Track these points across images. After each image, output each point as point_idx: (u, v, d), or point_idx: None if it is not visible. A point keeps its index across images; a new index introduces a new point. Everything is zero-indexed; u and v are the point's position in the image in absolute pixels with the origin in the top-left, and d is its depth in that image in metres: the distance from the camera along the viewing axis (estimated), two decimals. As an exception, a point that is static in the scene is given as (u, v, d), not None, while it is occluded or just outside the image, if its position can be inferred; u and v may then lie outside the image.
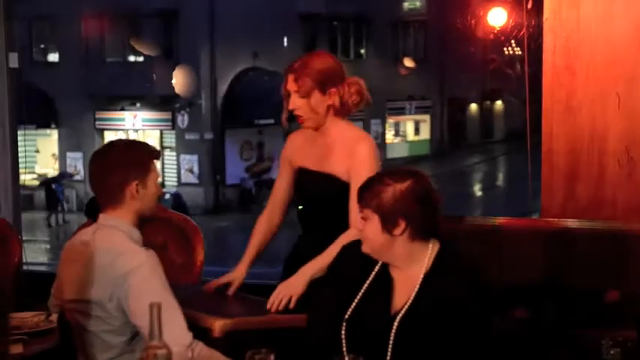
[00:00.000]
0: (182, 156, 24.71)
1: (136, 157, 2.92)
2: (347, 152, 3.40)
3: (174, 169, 24.86)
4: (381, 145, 29.98)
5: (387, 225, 2.64)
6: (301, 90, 3.40)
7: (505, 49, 22.11)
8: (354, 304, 2.72)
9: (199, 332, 2.80)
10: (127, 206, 2.89)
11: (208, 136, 24.39)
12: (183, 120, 24.53)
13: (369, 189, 2.68)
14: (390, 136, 31.26)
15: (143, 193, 2.90)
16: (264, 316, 3.11)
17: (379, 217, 2.65)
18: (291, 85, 3.43)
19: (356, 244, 2.76)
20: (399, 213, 2.63)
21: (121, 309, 2.79)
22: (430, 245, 2.70)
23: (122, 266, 2.77)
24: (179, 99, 23.95)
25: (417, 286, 2.66)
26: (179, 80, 23.63)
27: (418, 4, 29.48)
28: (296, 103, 3.43)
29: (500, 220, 3.84)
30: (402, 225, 2.64)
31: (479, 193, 27.18)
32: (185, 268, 3.85)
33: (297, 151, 3.58)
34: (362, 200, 2.69)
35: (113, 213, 2.91)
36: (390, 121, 31.17)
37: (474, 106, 34.87)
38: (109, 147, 2.98)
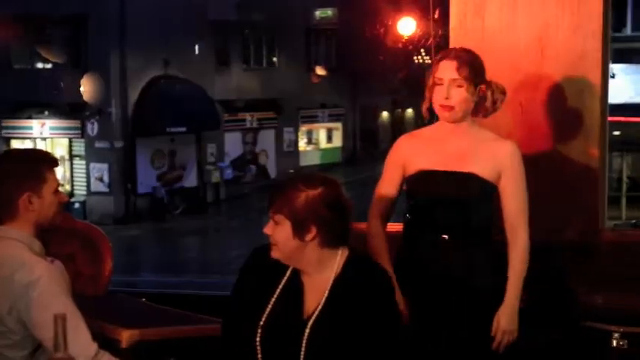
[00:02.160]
0: (92, 164, 24.31)
1: (29, 167, 2.85)
2: (492, 152, 3.30)
3: (84, 178, 24.45)
4: (294, 152, 30.05)
5: (299, 230, 2.65)
6: (461, 77, 3.26)
7: (415, 57, 22.40)
8: (267, 310, 2.72)
9: (107, 343, 2.76)
10: (24, 217, 2.84)
11: (119, 144, 24.06)
12: (92, 128, 24.15)
13: (281, 194, 2.68)
14: (302, 143, 31.36)
15: (39, 204, 2.84)
16: (173, 327, 3.09)
17: (291, 223, 2.66)
18: (450, 73, 3.27)
19: (265, 249, 2.75)
20: (310, 219, 2.65)
21: (21, 322, 2.73)
22: (340, 252, 2.72)
23: (22, 278, 2.71)
24: (89, 107, 23.57)
25: (327, 292, 2.68)
26: (87, 88, 23.26)
27: (330, 12, 29.62)
28: (451, 91, 3.27)
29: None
30: (314, 231, 2.66)
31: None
32: (93, 279, 3.79)
33: (416, 154, 3.37)
34: (274, 205, 2.69)
35: (11, 224, 2.85)
36: (303, 129, 31.27)
37: (385, 114, 35.25)
38: (2, 158, 2.94)
